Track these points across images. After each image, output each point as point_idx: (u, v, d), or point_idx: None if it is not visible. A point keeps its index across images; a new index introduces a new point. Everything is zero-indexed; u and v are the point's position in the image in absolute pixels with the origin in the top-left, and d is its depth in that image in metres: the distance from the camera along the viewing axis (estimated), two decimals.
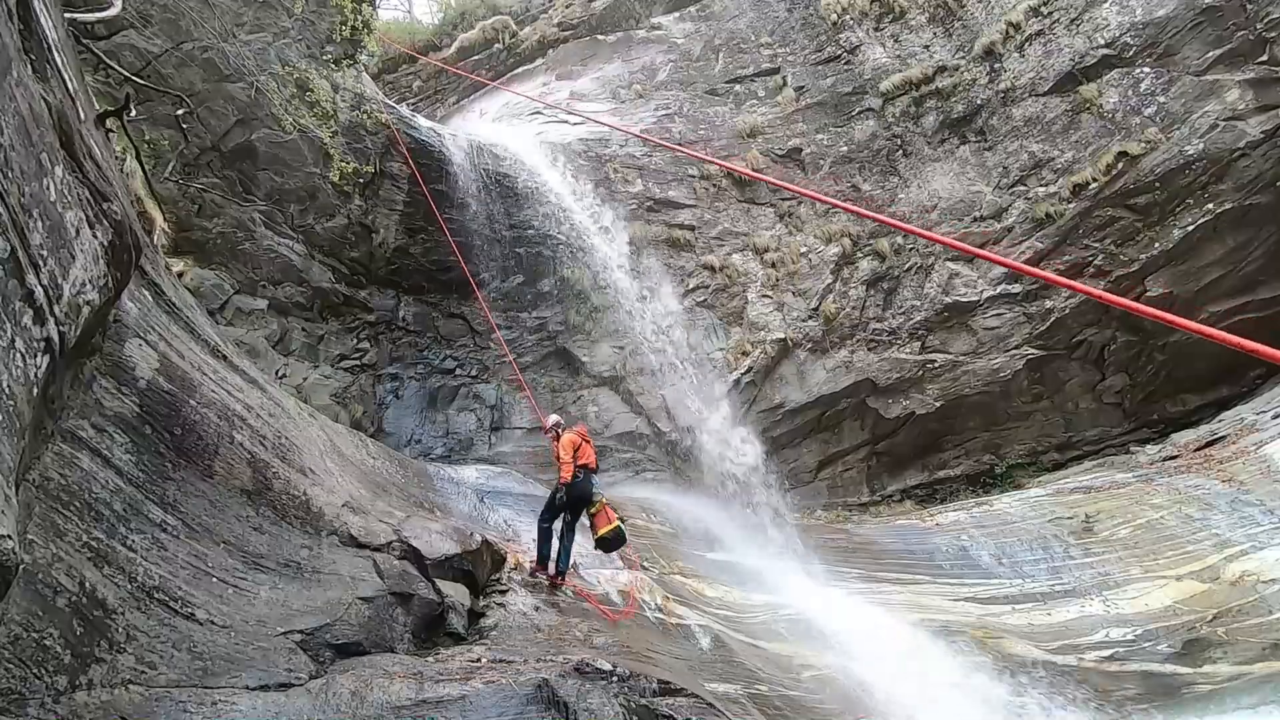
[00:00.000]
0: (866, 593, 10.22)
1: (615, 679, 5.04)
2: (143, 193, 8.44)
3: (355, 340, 12.91)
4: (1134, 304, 2.15)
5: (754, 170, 15.12)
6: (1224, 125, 12.28)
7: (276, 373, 11.43)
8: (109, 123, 5.85)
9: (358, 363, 12.76)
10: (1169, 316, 2.07)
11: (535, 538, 7.35)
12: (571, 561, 7.42)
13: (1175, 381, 13.26)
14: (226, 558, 4.79)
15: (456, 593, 6.08)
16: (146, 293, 5.36)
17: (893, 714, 7.50)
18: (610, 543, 7.06)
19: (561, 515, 7.17)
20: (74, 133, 3.99)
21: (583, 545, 8.22)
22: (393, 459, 8.50)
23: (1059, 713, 8.48)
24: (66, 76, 4.41)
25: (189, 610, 4.29)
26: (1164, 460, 12.14)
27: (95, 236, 3.96)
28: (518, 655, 5.28)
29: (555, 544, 7.19)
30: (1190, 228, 12.50)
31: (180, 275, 9.41)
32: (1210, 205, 12.44)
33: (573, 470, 7.03)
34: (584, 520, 7.26)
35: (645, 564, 8.45)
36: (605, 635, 6.38)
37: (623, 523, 7.19)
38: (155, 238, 8.55)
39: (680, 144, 15.12)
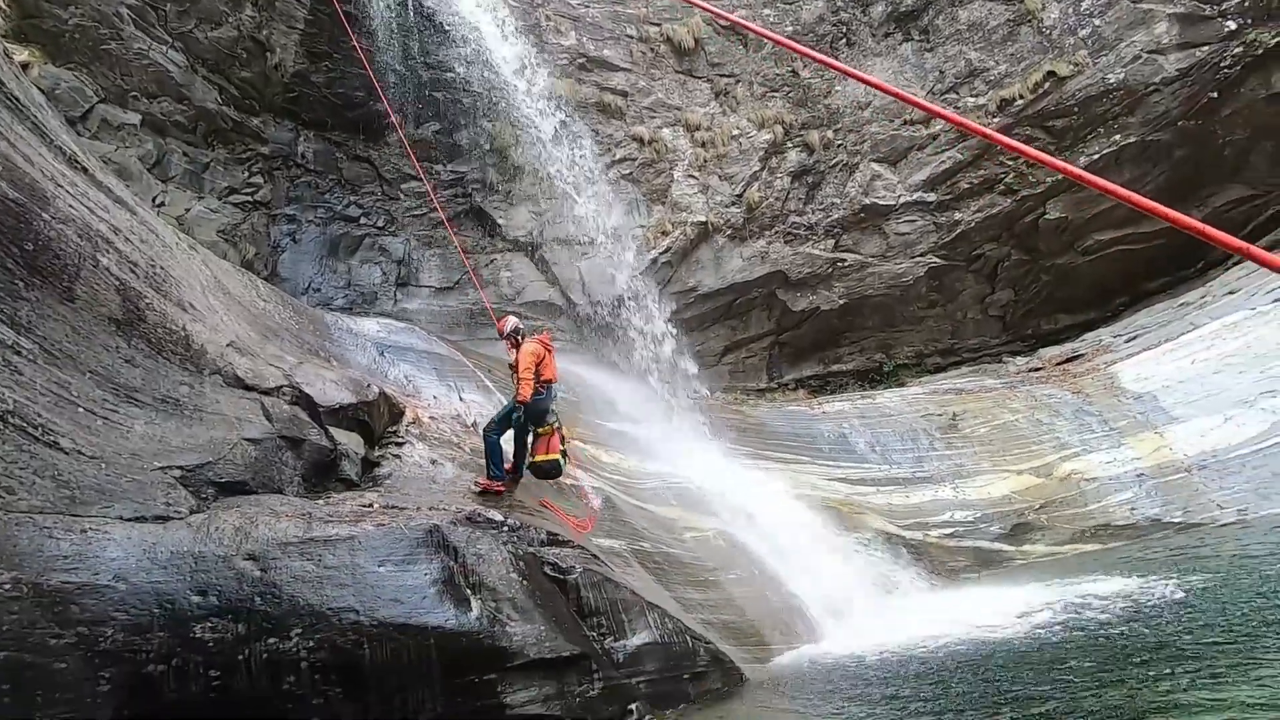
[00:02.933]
0: (752, 468, 11.00)
1: (506, 529, 5.26)
2: None
3: (246, 174, 11.77)
4: (1152, 204, 2.18)
5: (695, 40, 14.31)
6: (1146, 58, 12.60)
7: (154, 200, 10.34)
8: None
9: (249, 199, 11.71)
10: (1164, 209, 2.14)
11: (484, 451, 6.35)
12: (473, 421, 7.46)
13: (1055, 301, 14.36)
14: (94, 388, 4.48)
15: (350, 441, 6.03)
16: None
17: (762, 570, 8.33)
18: (543, 471, 6.37)
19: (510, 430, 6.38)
20: None
21: (485, 406, 8.28)
22: (286, 304, 8.04)
23: (901, 573, 9.73)
24: None
25: (51, 438, 4.04)
26: (1029, 371, 13.37)
27: None
28: (410, 503, 5.37)
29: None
30: (1096, 157, 13.06)
31: (26, 68, 8.08)
32: (1117, 137, 12.99)
33: (533, 387, 6.19)
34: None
35: None
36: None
37: (564, 457, 6.40)
38: None
39: None
